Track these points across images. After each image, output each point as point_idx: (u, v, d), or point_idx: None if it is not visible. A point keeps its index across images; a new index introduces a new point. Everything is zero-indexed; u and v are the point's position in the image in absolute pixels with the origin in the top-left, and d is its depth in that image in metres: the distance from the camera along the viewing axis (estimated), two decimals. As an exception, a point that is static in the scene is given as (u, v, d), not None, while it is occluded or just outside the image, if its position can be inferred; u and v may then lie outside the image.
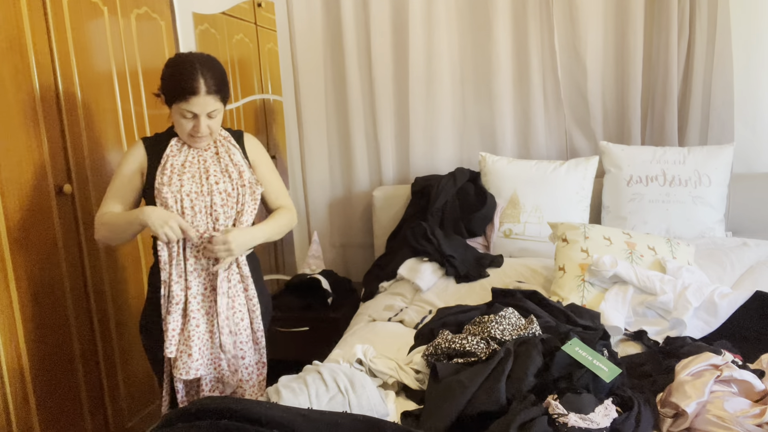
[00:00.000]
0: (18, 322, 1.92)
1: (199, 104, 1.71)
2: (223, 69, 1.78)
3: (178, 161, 1.79)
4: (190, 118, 1.74)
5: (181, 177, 1.77)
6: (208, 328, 1.79)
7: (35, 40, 1.98)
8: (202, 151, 1.83)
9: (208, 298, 1.79)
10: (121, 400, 2.37)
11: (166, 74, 1.75)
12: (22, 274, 1.93)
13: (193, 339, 1.75)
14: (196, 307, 1.77)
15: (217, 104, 1.75)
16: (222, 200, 1.78)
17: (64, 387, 2.10)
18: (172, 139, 1.82)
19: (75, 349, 2.15)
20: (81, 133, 2.17)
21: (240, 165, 1.83)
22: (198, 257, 1.78)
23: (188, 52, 1.77)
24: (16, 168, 1.91)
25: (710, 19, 2.58)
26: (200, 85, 1.69)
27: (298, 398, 1.40)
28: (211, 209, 1.77)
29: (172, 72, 1.73)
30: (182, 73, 1.70)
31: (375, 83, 2.97)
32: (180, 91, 1.70)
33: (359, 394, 1.43)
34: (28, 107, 1.96)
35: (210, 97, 1.72)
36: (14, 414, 1.90)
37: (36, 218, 1.99)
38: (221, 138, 1.86)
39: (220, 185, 1.78)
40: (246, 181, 1.82)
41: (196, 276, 1.78)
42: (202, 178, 1.78)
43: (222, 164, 1.82)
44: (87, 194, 2.20)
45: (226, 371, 1.81)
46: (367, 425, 1.19)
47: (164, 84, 1.75)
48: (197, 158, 1.81)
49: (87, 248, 2.20)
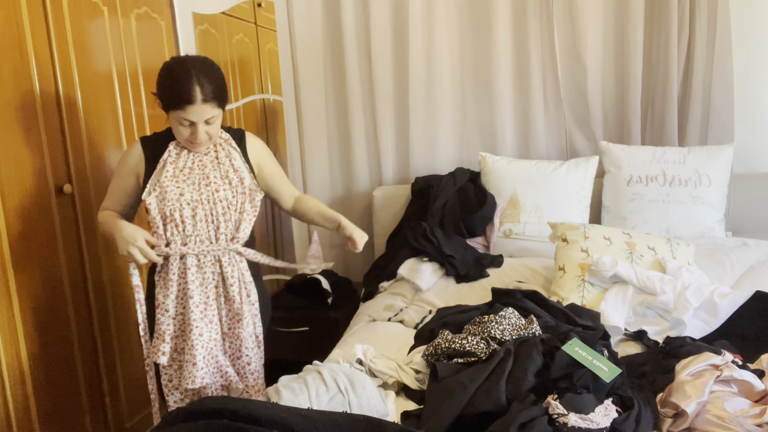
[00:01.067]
0: (18, 322, 1.92)
1: (195, 112, 1.66)
2: (220, 74, 1.73)
3: (178, 167, 1.77)
4: (188, 125, 1.70)
5: (180, 184, 1.74)
6: (212, 336, 1.78)
7: (35, 40, 1.98)
8: (201, 155, 1.80)
9: (211, 306, 1.78)
10: (120, 400, 2.37)
11: (162, 81, 1.70)
12: (22, 274, 1.93)
13: (197, 348, 1.73)
14: (199, 316, 1.75)
15: (215, 111, 1.71)
16: (223, 209, 1.76)
17: (64, 387, 2.10)
18: (170, 144, 1.80)
19: (75, 349, 2.15)
20: (81, 133, 2.17)
21: (241, 171, 1.81)
22: (200, 266, 1.77)
23: (184, 56, 1.73)
24: (16, 168, 1.91)
25: (710, 19, 2.58)
26: (196, 93, 1.64)
27: (298, 398, 1.40)
28: (212, 217, 1.76)
29: (167, 79, 1.68)
30: (178, 81, 1.64)
31: (375, 83, 2.97)
32: (176, 100, 1.65)
33: (359, 394, 1.43)
34: (28, 107, 1.96)
35: (207, 105, 1.67)
36: (14, 414, 1.90)
37: (36, 218, 1.99)
38: (221, 141, 1.83)
39: (220, 193, 1.76)
40: (246, 188, 1.80)
41: (197, 285, 1.76)
42: (201, 185, 1.75)
43: (222, 170, 1.79)
44: (87, 194, 2.20)
45: (234, 377, 1.81)
46: (367, 425, 1.19)
47: (160, 91, 1.70)
48: (197, 163, 1.78)
49: (87, 248, 2.19)
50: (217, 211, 1.75)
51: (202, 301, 1.76)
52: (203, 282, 1.77)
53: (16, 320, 1.91)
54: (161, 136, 1.84)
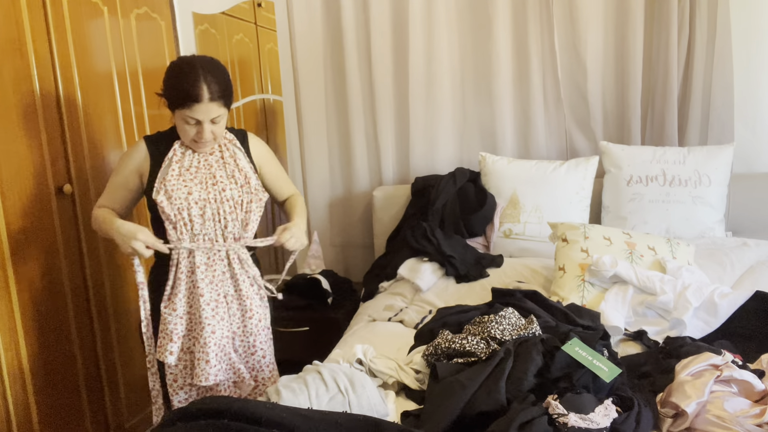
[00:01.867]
0: (18, 322, 1.92)
1: (202, 111, 1.68)
2: (227, 73, 1.75)
3: (183, 166, 1.78)
4: (193, 124, 1.71)
5: (187, 183, 1.75)
6: (224, 333, 1.78)
7: (35, 41, 1.98)
8: (206, 155, 1.81)
9: (221, 303, 1.78)
10: (120, 400, 2.37)
11: (169, 80, 1.71)
12: (22, 274, 1.93)
13: (209, 345, 1.73)
14: (210, 314, 1.75)
15: (221, 110, 1.72)
16: (230, 208, 1.77)
17: (64, 387, 2.10)
18: (175, 143, 1.80)
19: (75, 349, 2.15)
20: (81, 133, 2.17)
21: (246, 170, 1.82)
22: (209, 264, 1.77)
23: (191, 56, 1.75)
24: (16, 168, 1.91)
25: (710, 19, 2.58)
26: (203, 92, 1.66)
27: (298, 398, 1.40)
28: (219, 216, 1.76)
29: (174, 78, 1.69)
30: (185, 80, 1.66)
31: (375, 83, 2.97)
32: (183, 98, 1.66)
33: (359, 394, 1.43)
34: (28, 107, 1.96)
35: (214, 104, 1.69)
36: (14, 414, 1.90)
37: (36, 218, 1.99)
38: (226, 141, 1.85)
39: (227, 192, 1.77)
40: (252, 188, 1.81)
41: (207, 283, 1.76)
42: (208, 184, 1.77)
43: (228, 170, 1.81)
44: (87, 194, 2.20)
45: (246, 374, 1.81)
46: (367, 425, 1.19)
47: (166, 90, 1.72)
48: (203, 163, 1.80)
49: (87, 248, 2.19)
50: (225, 210, 1.76)
51: (213, 299, 1.76)
52: (213, 280, 1.77)
53: (16, 320, 1.91)
54: (165, 136, 1.85)
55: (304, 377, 1.49)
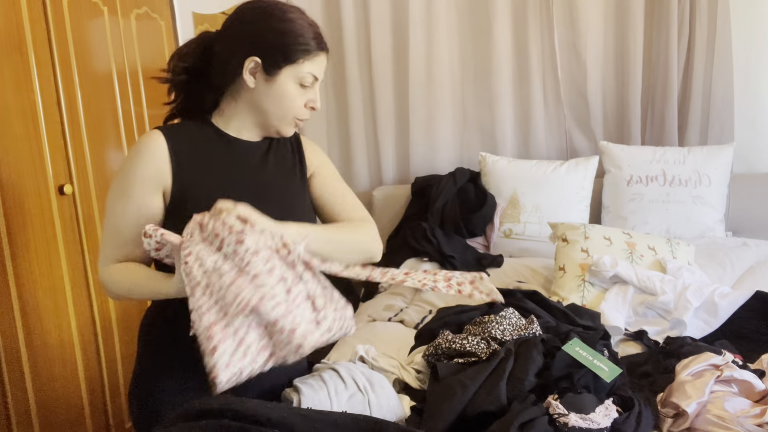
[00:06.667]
0: (18, 322, 1.92)
1: (323, 63, 1.28)
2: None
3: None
4: (310, 84, 1.29)
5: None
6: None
7: (35, 40, 1.98)
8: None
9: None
10: (121, 400, 2.37)
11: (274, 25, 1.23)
12: (22, 275, 1.93)
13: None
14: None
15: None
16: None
17: (64, 387, 2.10)
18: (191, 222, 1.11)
19: (75, 350, 2.15)
20: (81, 133, 2.17)
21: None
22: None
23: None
24: (16, 168, 1.91)
25: (710, 18, 2.58)
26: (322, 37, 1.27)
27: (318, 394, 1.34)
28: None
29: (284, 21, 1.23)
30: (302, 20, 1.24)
31: (375, 83, 2.97)
32: (307, 46, 1.23)
33: (379, 394, 1.39)
34: (28, 107, 1.96)
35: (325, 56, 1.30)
36: (14, 414, 1.90)
37: (36, 218, 1.98)
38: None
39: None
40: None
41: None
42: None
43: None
44: (88, 194, 2.19)
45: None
46: (368, 425, 1.19)
47: (273, 38, 1.23)
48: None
49: (87, 248, 2.19)
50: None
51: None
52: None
53: (16, 320, 1.91)
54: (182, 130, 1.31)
55: (320, 374, 1.45)
